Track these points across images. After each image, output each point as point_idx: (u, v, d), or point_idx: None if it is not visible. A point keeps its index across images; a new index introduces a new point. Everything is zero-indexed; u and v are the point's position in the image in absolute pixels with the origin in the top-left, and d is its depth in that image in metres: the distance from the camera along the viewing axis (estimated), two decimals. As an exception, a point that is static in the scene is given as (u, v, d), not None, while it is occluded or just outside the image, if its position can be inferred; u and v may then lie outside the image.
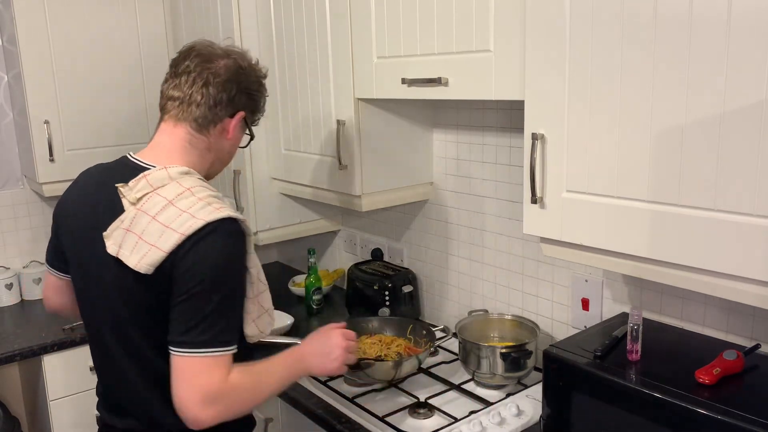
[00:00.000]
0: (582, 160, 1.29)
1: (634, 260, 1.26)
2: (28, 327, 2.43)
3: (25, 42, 2.39)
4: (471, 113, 2.01)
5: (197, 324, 1.25)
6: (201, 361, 1.25)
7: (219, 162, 1.51)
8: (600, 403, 1.32)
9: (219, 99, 1.41)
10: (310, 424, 1.79)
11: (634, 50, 1.17)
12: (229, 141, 1.48)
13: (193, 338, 1.25)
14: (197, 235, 1.26)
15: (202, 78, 1.40)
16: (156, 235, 1.27)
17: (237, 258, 1.32)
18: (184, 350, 1.25)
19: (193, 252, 1.26)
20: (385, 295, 2.22)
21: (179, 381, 1.26)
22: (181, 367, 1.26)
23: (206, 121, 1.42)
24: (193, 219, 1.27)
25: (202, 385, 1.24)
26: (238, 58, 1.47)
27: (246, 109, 1.47)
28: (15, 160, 2.76)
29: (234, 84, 1.43)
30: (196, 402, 1.24)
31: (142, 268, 1.27)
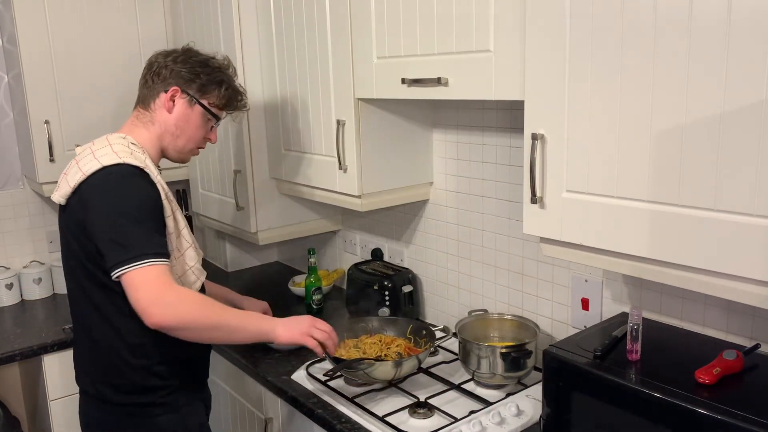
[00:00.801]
0: (582, 160, 1.29)
1: (634, 260, 1.26)
2: (28, 327, 2.43)
3: (25, 42, 2.39)
4: (471, 113, 2.01)
5: (118, 244, 1.45)
6: (141, 271, 1.43)
7: (169, 135, 1.70)
8: (600, 403, 1.32)
9: (153, 79, 1.70)
10: (310, 424, 1.79)
11: (634, 50, 1.17)
12: (173, 115, 1.69)
13: (121, 258, 1.44)
14: (96, 175, 1.51)
15: (144, 69, 1.73)
16: (72, 175, 1.56)
17: (134, 190, 1.52)
18: (122, 268, 1.44)
19: (97, 188, 1.51)
20: (385, 295, 2.22)
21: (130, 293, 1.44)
22: (127, 283, 1.44)
23: (147, 99, 1.71)
24: (97, 162, 1.53)
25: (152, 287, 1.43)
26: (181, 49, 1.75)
27: (180, 84, 1.69)
28: (15, 160, 2.76)
29: (166, 64, 1.69)
30: (151, 301, 1.42)
31: (56, 198, 1.58)
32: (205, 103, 1.72)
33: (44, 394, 2.33)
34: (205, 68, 1.72)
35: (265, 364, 2.04)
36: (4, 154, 2.74)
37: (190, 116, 1.71)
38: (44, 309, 2.62)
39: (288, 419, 1.95)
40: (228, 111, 1.80)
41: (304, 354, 2.06)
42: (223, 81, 1.75)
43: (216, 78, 1.73)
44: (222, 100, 1.74)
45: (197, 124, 1.73)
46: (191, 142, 1.74)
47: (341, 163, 1.97)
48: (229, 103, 1.77)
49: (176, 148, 1.73)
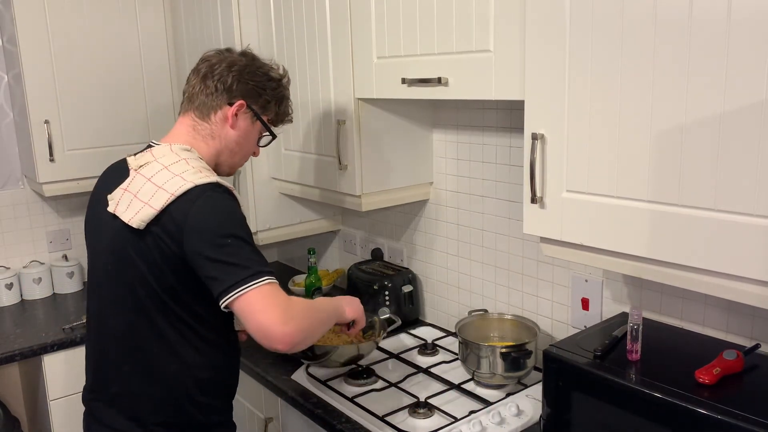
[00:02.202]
0: (582, 160, 1.29)
1: (634, 260, 1.26)
2: (28, 327, 2.43)
3: (25, 42, 2.39)
4: (471, 113, 2.01)
5: (232, 267, 1.33)
6: (259, 290, 1.32)
7: (228, 152, 1.58)
8: (600, 403, 1.32)
9: (215, 87, 1.54)
10: (310, 424, 1.79)
11: (634, 50, 1.17)
12: (234, 131, 1.56)
13: (238, 278, 1.32)
14: (187, 196, 1.37)
15: (204, 71, 1.56)
16: (149, 195, 1.39)
17: (233, 209, 1.42)
18: (238, 290, 1.31)
19: (195, 210, 1.36)
20: (385, 295, 2.22)
21: (252, 315, 1.31)
22: (246, 305, 1.31)
23: (206, 108, 1.54)
24: (184, 181, 1.38)
25: (274, 305, 1.32)
26: (244, 54, 1.60)
27: (247, 98, 1.56)
28: (15, 160, 2.76)
29: (231, 73, 1.55)
30: (277, 322, 1.30)
31: (135, 222, 1.38)
32: (265, 119, 1.61)
33: (44, 394, 2.33)
34: (270, 82, 1.60)
35: (265, 364, 2.04)
36: (4, 154, 2.74)
37: (250, 133, 1.59)
38: (44, 309, 2.62)
39: (288, 419, 1.95)
40: (278, 126, 1.68)
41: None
42: (284, 97, 1.65)
43: (279, 93, 1.62)
44: (279, 116, 1.65)
45: (254, 140, 1.62)
46: (245, 158, 1.64)
47: (341, 163, 1.97)
48: (283, 119, 1.67)
49: (231, 164, 1.62)
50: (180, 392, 1.50)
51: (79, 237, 2.88)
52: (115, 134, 2.61)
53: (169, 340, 1.46)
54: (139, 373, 1.49)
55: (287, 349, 1.33)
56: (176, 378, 1.49)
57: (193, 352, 1.48)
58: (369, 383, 1.86)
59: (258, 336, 1.32)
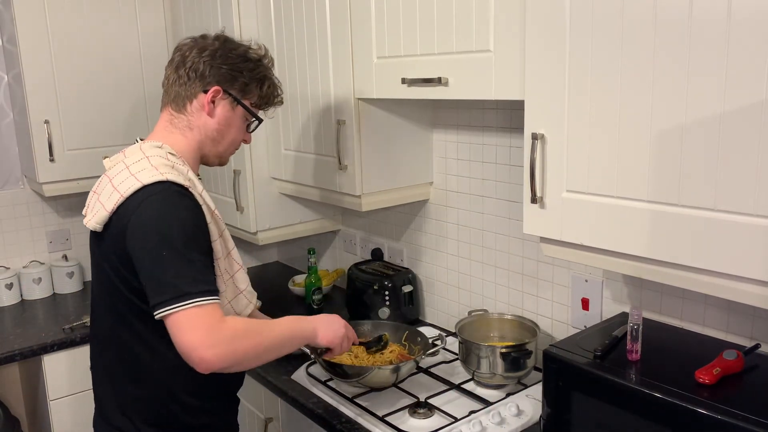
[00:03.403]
0: (582, 160, 1.29)
1: (634, 260, 1.26)
2: (28, 327, 2.43)
3: (25, 42, 2.39)
4: (471, 113, 2.01)
5: (162, 282, 1.28)
6: (188, 312, 1.26)
7: (210, 141, 1.52)
8: (600, 403, 1.32)
9: (188, 76, 1.48)
10: (310, 424, 1.79)
11: (634, 50, 1.17)
12: (212, 119, 1.50)
13: (165, 297, 1.27)
14: (136, 197, 1.33)
15: (176, 62, 1.51)
16: (107, 196, 1.38)
17: (181, 213, 1.34)
18: (165, 309, 1.27)
19: (138, 212, 1.32)
20: (385, 295, 2.22)
21: (177, 336, 1.27)
22: (172, 324, 1.27)
23: (181, 99, 1.49)
24: (135, 181, 1.34)
25: (202, 328, 1.26)
26: (217, 38, 1.52)
27: (221, 83, 1.49)
28: (15, 160, 2.76)
29: (203, 59, 1.48)
30: (198, 346, 1.25)
31: (91, 225, 1.39)
32: (247, 104, 1.54)
33: (44, 394, 2.33)
34: (247, 63, 1.51)
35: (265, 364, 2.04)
36: (4, 154, 2.74)
37: (232, 119, 1.52)
38: (44, 309, 2.62)
39: (288, 419, 1.95)
40: (265, 108, 1.61)
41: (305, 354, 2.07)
42: (266, 77, 1.56)
43: (258, 74, 1.54)
44: (263, 99, 1.57)
45: (238, 126, 1.55)
46: (232, 146, 1.57)
47: (341, 163, 1.97)
48: (269, 101, 1.59)
49: (217, 154, 1.56)
50: (164, 392, 1.46)
51: (78, 237, 2.88)
52: (115, 134, 2.61)
53: (148, 340, 1.43)
54: (125, 374, 1.48)
55: (208, 372, 1.28)
56: (159, 378, 1.46)
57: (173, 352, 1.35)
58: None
59: (181, 352, 1.28)
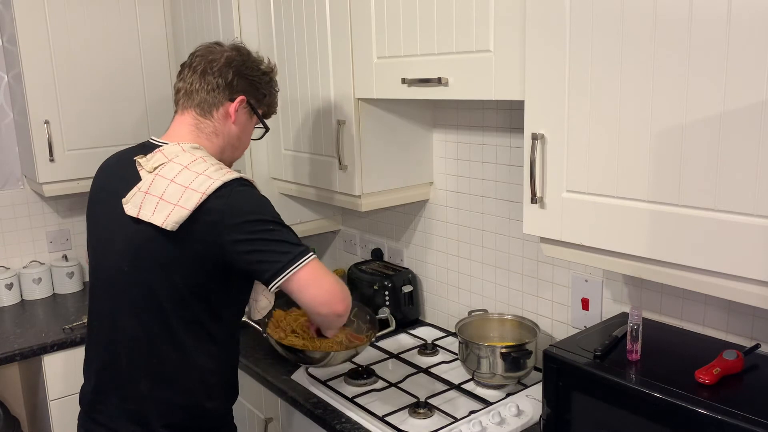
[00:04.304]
0: (582, 160, 1.29)
1: (634, 260, 1.26)
2: (28, 327, 2.43)
3: (25, 42, 2.39)
4: (471, 113, 2.01)
5: (280, 250, 1.39)
6: (310, 265, 1.40)
7: (231, 148, 1.60)
8: (600, 403, 1.32)
9: (216, 84, 1.53)
10: (310, 424, 1.79)
11: (635, 50, 1.17)
12: (236, 126, 1.58)
13: (288, 258, 1.38)
14: (219, 194, 1.38)
15: (201, 67, 1.54)
16: (177, 196, 1.38)
17: (263, 198, 1.46)
18: (291, 269, 1.38)
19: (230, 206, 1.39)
20: (385, 295, 2.22)
21: (310, 287, 1.40)
22: (302, 280, 1.39)
23: (208, 106, 1.54)
24: (210, 179, 1.39)
25: (328, 275, 1.42)
26: (237, 49, 1.59)
27: (246, 94, 1.57)
28: (15, 160, 2.76)
29: (230, 69, 1.54)
30: (337, 288, 1.42)
31: (169, 225, 1.37)
32: (260, 113, 1.63)
33: (44, 394, 2.33)
34: (264, 76, 1.61)
35: (265, 364, 2.04)
36: (4, 154, 2.74)
37: (248, 127, 1.62)
38: (44, 309, 2.62)
39: (288, 419, 1.95)
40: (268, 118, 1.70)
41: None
42: (275, 90, 1.67)
43: (271, 87, 1.64)
44: (271, 109, 1.68)
45: (250, 133, 1.65)
46: (243, 152, 1.67)
47: (341, 163, 1.97)
48: (273, 111, 1.70)
49: (232, 159, 1.63)
50: (192, 397, 1.51)
51: (78, 237, 2.88)
52: (115, 134, 2.61)
53: (184, 345, 1.47)
54: (151, 378, 1.49)
55: (346, 312, 1.43)
56: (189, 385, 1.50)
57: (205, 357, 1.50)
58: (369, 383, 1.86)
59: (320, 301, 1.41)
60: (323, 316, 1.44)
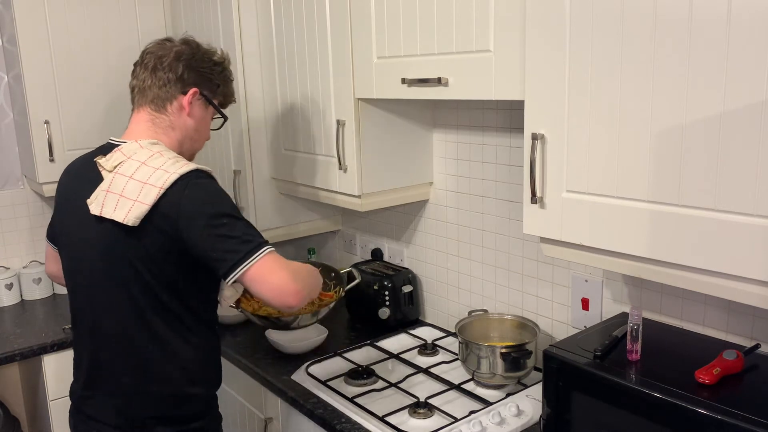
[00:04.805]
0: (582, 160, 1.29)
1: (634, 260, 1.26)
2: (28, 327, 2.43)
3: (25, 42, 2.39)
4: (471, 113, 2.01)
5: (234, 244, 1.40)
6: (266, 259, 1.40)
7: (189, 140, 1.63)
8: (600, 403, 1.32)
9: (168, 78, 1.57)
10: (310, 424, 1.79)
11: (634, 50, 1.17)
12: (191, 118, 1.61)
13: (243, 252, 1.39)
14: (176, 187, 1.41)
15: (152, 64, 1.58)
16: (136, 192, 1.42)
17: (220, 190, 1.48)
18: (246, 263, 1.39)
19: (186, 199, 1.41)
20: (385, 295, 2.22)
21: (264, 281, 1.40)
22: (256, 274, 1.39)
23: (161, 100, 1.58)
24: (167, 173, 1.42)
25: (281, 268, 1.41)
26: (186, 42, 1.63)
27: (198, 85, 1.60)
28: (15, 160, 2.76)
29: (180, 63, 1.58)
30: (288, 281, 1.40)
31: (130, 220, 1.41)
32: (216, 103, 1.66)
33: (44, 394, 2.33)
34: (216, 66, 1.64)
35: (265, 364, 2.04)
36: (4, 154, 2.74)
37: (205, 118, 1.65)
38: (44, 309, 2.62)
39: (288, 419, 1.95)
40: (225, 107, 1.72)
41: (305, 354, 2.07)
42: (229, 80, 1.70)
43: (224, 77, 1.67)
44: (227, 98, 1.70)
45: (208, 124, 1.68)
46: (202, 143, 1.69)
47: (341, 163, 1.97)
48: (230, 101, 1.73)
49: (192, 151, 1.67)
50: (174, 387, 1.55)
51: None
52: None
53: (162, 338, 1.51)
54: (133, 373, 1.53)
55: (298, 304, 1.42)
56: (171, 374, 1.54)
57: (184, 346, 1.54)
58: (369, 383, 1.86)
59: (272, 295, 1.40)
60: (276, 307, 1.46)
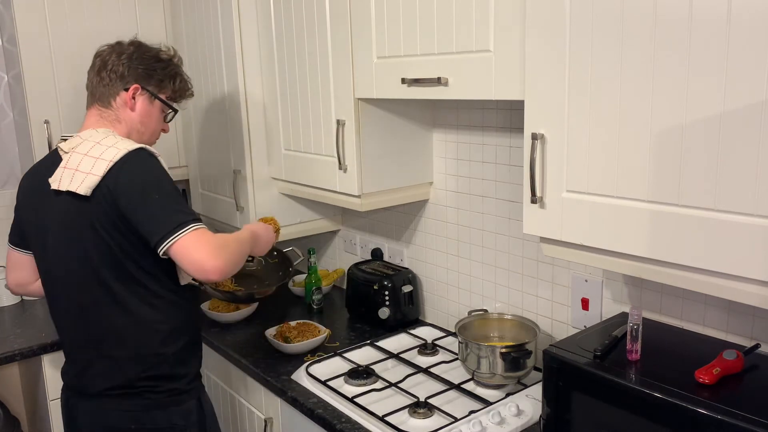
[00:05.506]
0: (582, 160, 1.29)
1: (634, 260, 1.26)
2: (28, 327, 2.43)
3: (25, 42, 2.39)
4: (471, 113, 2.01)
5: (162, 219, 1.52)
6: (190, 235, 1.51)
7: (136, 132, 1.75)
8: (600, 402, 1.32)
9: (110, 77, 1.71)
10: (310, 424, 1.79)
11: (634, 50, 1.17)
12: (134, 112, 1.73)
13: (169, 228, 1.51)
14: (121, 161, 1.55)
15: (98, 66, 1.74)
16: (90, 165, 1.56)
17: (159, 168, 1.61)
18: (172, 238, 1.50)
19: (125, 172, 1.55)
20: (385, 295, 2.22)
21: (186, 256, 1.50)
22: (180, 248, 1.50)
23: (106, 97, 1.72)
24: (117, 150, 1.57)
25: (204, 244, 1.51)
26: (132, 43, 1.77)
27: (140, 81, 1.72)
28: (15, 160, 2.76)
29: (121, 62, 1.72)
30: (209, 257, 1.50)
31: (82, 189, 1.55)
32: (163, 97, 1.78)
33: (44, 394, 2.33)
34: (159, 63, 1.77)
35: (265, 364, 2.04)
36: (4, 154, 2.74)
37: (151, 112, 1.76)
38: (44, 309, 2.62)
39: (288, 419, 1.95)
40: (179, 101, 1.85)
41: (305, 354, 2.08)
42: (177, 74, 1.81)
43: (170, 72, 1.79)
44: (176, 93, 1.82)
45: (158, 118, 1.79)
46: (154, 135, 1.81)
47: (341, 163, 1.97)
48: (182, 94, 1.84)
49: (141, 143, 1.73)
50: (147, 348, 1.66)
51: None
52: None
53: (128, 303, 1.63)
54: (108, 339, 1.65)
55: (219, 278, 1.53)
56: (139, 336, 1.65)
57: (150, 310, 1.65)
58: (369, 383, 1.86)
59: (193, 270, 1.51)
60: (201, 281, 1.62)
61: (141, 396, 1.67)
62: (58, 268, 1.66)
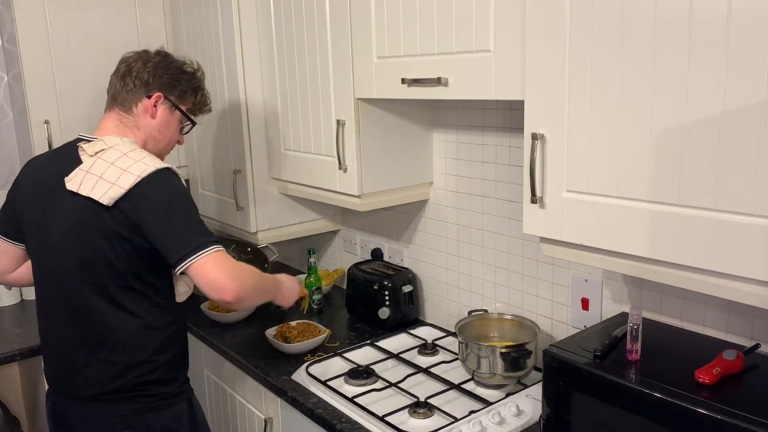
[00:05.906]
0: (582, 160, 1.29)
1: (634, 260, 1.26)
2: (28, 327, 2.43)
3: (25, 42, 2.39)
4: (471, 113, 2.01)
5: (185, 238, 1.54)
6: (210, 256, 1.54)
7: (152, 140, 1.76)
8: (600, 402, 1.32)
9: (134, 83, 1.73)
10: (310, 424, 1.79)
11: (634, 49, 1.17)
12: (154, 120, 1.75)
13: (191, 248, 1.53)
14: (148, 178, 1.56)
15: (122, 71, 1.75)
16: (115, 176, 1.56)
17: (184, 188, 1.64)
18: (192, 257, 1.52)
19: (152, 188, 1.56)
20: (385, 295, 2.22)
21: (204, 275, 1.53)
22: (199, 268, 1.53)
23: (128, 102, 1.73)
24: (146, 166, 1.58)
25: (223, 266, 1.54)
26: (158, 53, 1.79)
27: (162, 90, 1.75)
28: (15, 160, 2.76)
29: (146, 70, 1.74)
30: (226, 278, 1.53)
31: (106, 199, 1.55)
32: (184, 109, 1.80)
33: (44, 394, 2.32)
34: (184, 74, 1.80)
35: (265, 364, 2.04)
36: (4, 154, 2.74)
37: (170, 121, 1.78)
38: (44, 309, 2.62)
39: (288, 419, 1.95)
40: (197, 115, 1.88)
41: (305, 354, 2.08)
42: (199, 88, 1.84)
43: (193, 84, 1.82)
44: (196, 106, 1.84)
45: (175, 128, 1.81)
46: (169, 145, 1.83)
47: (341, 163, 1.97)
48: (201, 108, 1.87)
49: (157, 151, 1.78)
50: (142, 355, 1.66)
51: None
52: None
53: (124, 309, 1.63)
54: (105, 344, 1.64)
55: (234, 301, 1.54)
56: (137, 343, 1.66)
57: (147, 316, 1.66)
58: (369, 383, 1.86)
59: (209, 289, 1.53)
60: (216, 301, 1.60)
61: (133, 400, 1.67)
62: (57, 266, 1.65)
